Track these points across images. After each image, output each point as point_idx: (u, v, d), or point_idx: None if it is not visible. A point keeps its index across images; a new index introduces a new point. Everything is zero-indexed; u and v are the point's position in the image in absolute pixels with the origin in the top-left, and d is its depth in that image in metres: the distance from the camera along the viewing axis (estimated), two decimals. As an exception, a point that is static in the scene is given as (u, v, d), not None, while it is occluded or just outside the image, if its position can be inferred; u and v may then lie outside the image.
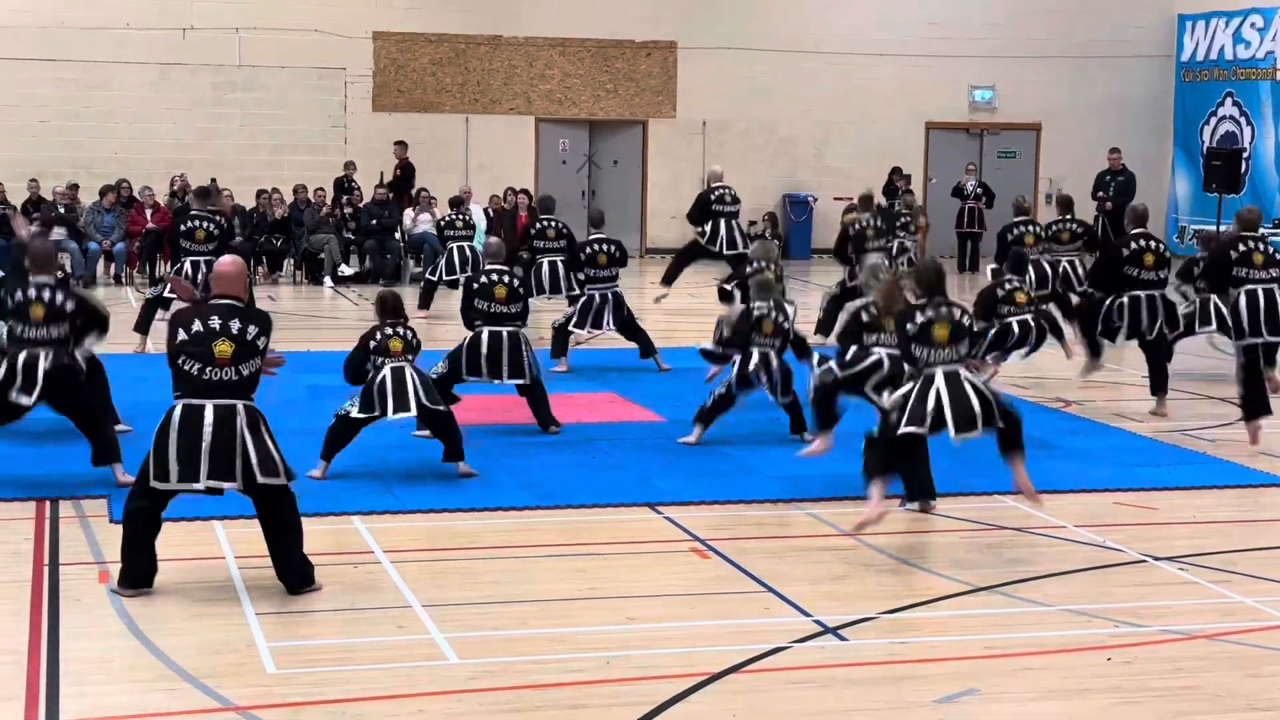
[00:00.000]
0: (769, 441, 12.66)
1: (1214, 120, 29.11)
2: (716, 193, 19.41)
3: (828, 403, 11.04)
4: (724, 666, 7.52)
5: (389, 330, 11.32)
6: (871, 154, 28.53)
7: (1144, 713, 7.05)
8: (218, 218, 17.18)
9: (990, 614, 8.51)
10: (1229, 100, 28.75)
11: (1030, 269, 15.77)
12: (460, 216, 21.03)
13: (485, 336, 12.76)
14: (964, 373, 9.57)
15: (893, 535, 10.04)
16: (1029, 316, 14.48)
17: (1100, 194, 26.06)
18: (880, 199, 26.79)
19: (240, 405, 8.46)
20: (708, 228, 19.18)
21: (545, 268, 17.21)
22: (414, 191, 25.45)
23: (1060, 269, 17.21)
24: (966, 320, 9.73)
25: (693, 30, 28.63)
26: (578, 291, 16.37)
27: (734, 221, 19.49)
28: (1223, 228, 26.28)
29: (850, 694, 7.28)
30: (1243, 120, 28.44)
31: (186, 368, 8.44)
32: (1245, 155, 27.71)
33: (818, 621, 8.24)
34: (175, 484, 8.42)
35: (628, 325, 16.23)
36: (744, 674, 7.48)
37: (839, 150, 29.14)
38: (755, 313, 12.56)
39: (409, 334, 11.39)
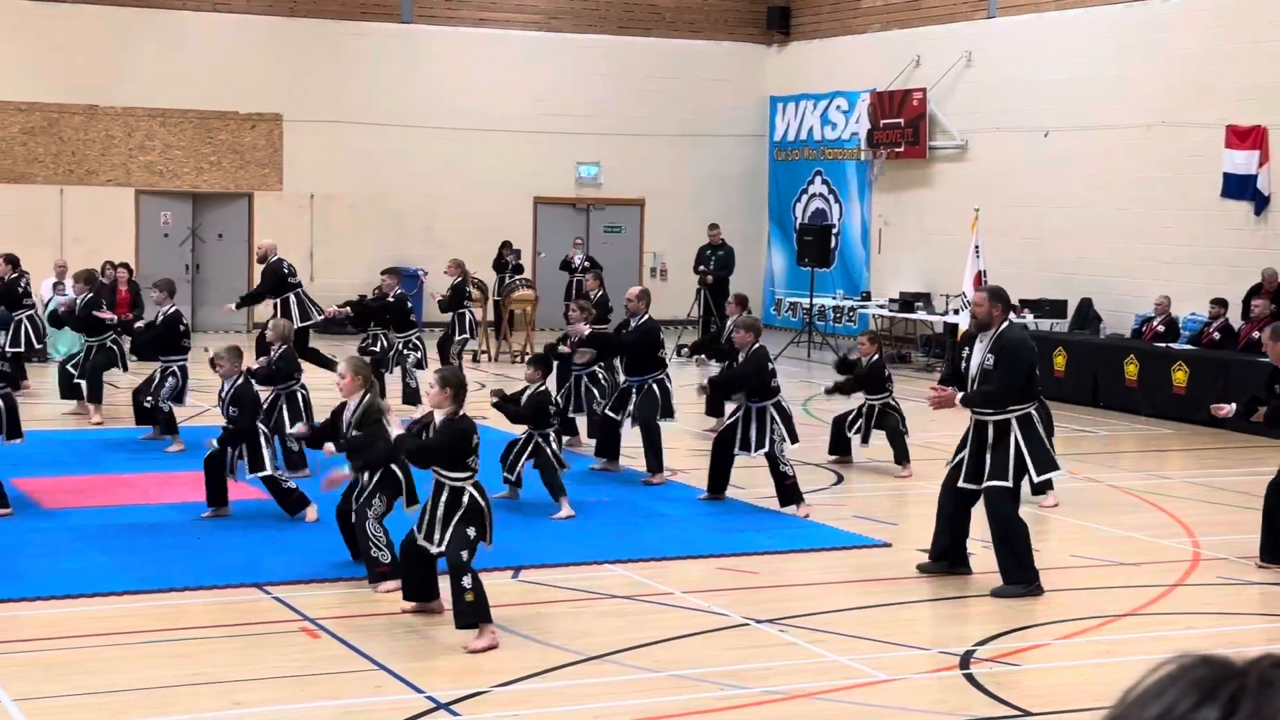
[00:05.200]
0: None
1: (805, 197, 30.49)
2: (286, 266, 19.62)
3: None
4: (334, 748, 7.39)
5: None
6: (481, 227, 28.71)
7: (748, 772, 7.24)
8: None
9: (602, 683, 8.62)
10: (818, 178, 30.17)
11: None
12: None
13: None
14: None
15: (504, 608, 10.07)
16: None
17: (701, 268, 26.91)
18: (491, 272, 27.05)
19: None
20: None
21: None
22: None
23: None
24: None
25: (298, 102, 28.32)
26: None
27: (303, 292, 19.71)
28: (818, 301, 27.54)
29: (463, 770, 7.25)
30: (831, 198, 29.87)
31: None
32: (834, 231, 29.06)
33: (430, 698, 8.18)
34: None
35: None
36: (355, 755, 7.36)
37: (448, 223, 29.24)
38: None
39: None
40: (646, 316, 14.83)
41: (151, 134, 27.64)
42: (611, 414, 14.73)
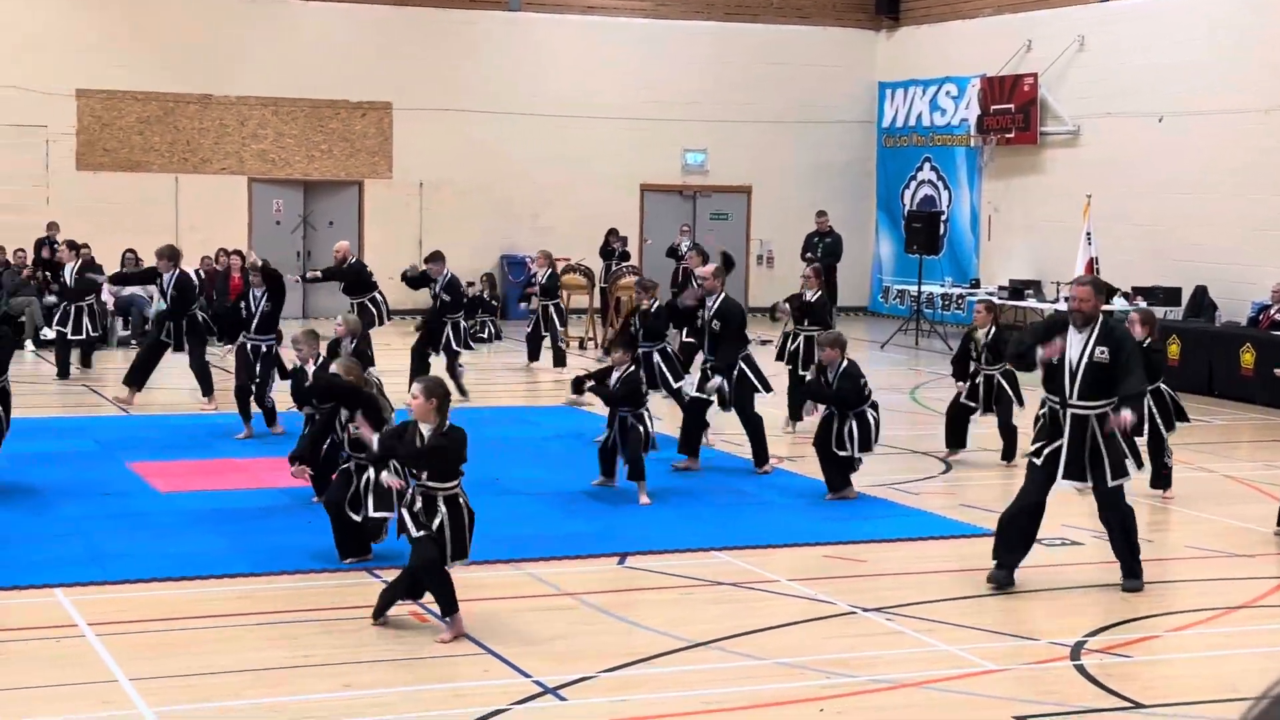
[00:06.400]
0: (483, 498, 12.57)
1: (914, 184, 30.25)
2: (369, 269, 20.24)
3: None
4: (443, 731, 7.46)
5: None
6: (588, 215, 28.82)
7: (855, 761, 7.21)
8: None
9: (707, 669, 8.61)
10: (927, 165, 29.92)
11: None
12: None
13: None
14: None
15: (610, 594, 10.11)
16: None
17: (809, 255, 26.79)
18: (597, 260, 27.12)
19: None
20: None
21: None
22: (121, 253, 24.72)
23: None
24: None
25: (408, 91, 28.56)
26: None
27: (380, 296, 20.38)
28: (926, 289, 27.32)
29: (569, 754, 7.28)
30: (940, 184, 29.60)
31: None
32: (943, 218, 28.84)
33: (538, 682, 8.22)
34: None
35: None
36: (463, 738, 7.42)
37: (556, 211, 29.36)
38: None
39: None
40: (724, 295, 14.69)
41: (264, 123, 28.00)
42: (699, 394, 14.51)
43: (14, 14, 26.37)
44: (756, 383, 14.37)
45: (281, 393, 15.17)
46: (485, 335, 23.19)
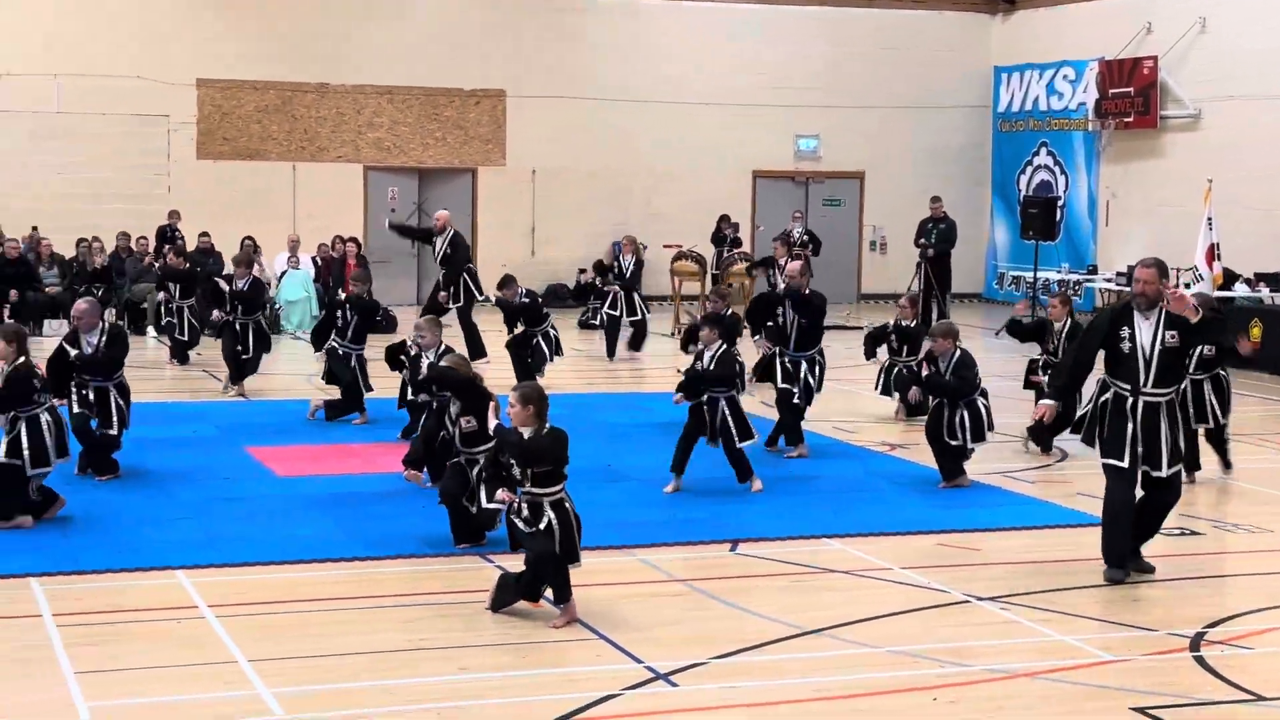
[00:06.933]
0: (596, 484, 12.64)
1: (1030, 169, 29.91)
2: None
3: None
4: (555, 715, 7.50)
5: None
6: (700, 201, 28.81)
7: (968, 751, 7.16)
8: None
9: (819, 657, 8.59)
10: (1044, 150, 29.56)
11: None
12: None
13: None
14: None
15: (722, 580, 10.11)
16: None
17: (922, 241, 26.60)
18: (709, 246, 27.09)
19: None
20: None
21: None
22: (240, 240, 25.07)
23: None
24: None
25: (521, 79, 28.70)
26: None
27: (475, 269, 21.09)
28: (1042, 275, 27.02)
29: (681, 740, 7.30)
30: (1057, 169, 29.25)
31: None
32: (1060, 203, 28.48)
33: (649, 668, 8.25)
34: None
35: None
36: (575, 722, 7.47)
37: (668, 198, 29.37)
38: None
39: None
40: (810, 291, 14.62)
41: (379, 111, 28.28)
42: (786, 385, 14.46)
43: (136, 5, 26.84)
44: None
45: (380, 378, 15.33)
46: (597, 322, 23.23)
